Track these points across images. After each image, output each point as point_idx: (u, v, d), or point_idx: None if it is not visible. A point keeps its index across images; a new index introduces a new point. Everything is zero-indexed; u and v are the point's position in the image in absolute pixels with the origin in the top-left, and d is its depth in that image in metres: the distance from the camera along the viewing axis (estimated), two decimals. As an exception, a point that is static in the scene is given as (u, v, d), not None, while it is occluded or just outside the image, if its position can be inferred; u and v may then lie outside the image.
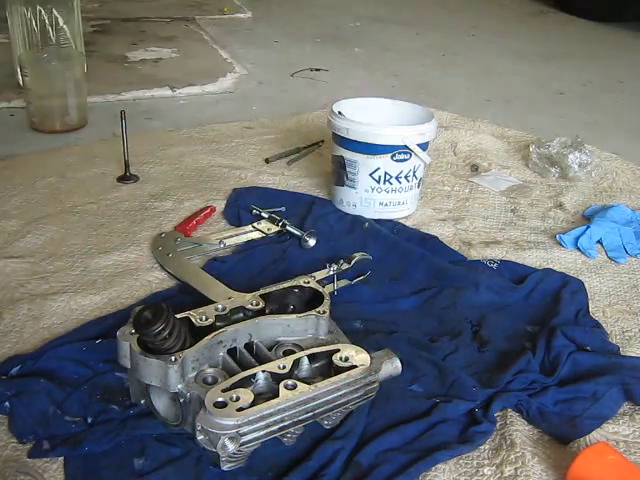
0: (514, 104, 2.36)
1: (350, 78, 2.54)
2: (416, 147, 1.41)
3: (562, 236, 1.43)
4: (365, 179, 1.44)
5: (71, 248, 1.31)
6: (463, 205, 1.59)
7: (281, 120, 2.04)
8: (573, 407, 0.96)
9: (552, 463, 0.87)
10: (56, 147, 1.76)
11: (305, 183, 1.65)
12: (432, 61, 2.83)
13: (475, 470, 0.86)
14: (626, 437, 0.93)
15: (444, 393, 0.97)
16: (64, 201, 1.48)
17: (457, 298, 1.19)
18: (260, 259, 1.28)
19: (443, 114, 2.10)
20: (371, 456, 0.85)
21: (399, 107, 1.59)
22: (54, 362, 0.97)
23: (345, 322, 1.05)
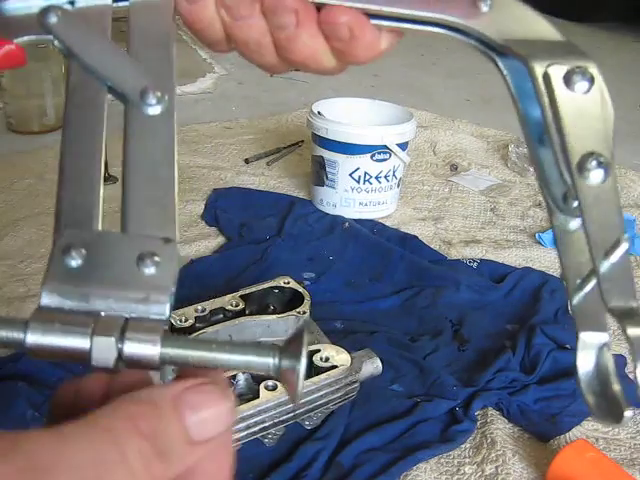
0: (493, 104, 2.38)
1: (330, 78, 2.54)
2: (395, 147, 1.41)
3: (541, 235, 1.44)
4: (345, 179, 1.45)
5: (50, 250, 1.29)
6: (443, 204, 1.59)
7: (261, 120, 2.04)
8: (553, 405, 0.96)
9: (532, 461, 0.87)
10: (34, 148, 1.75)
11: (285, 183, 1.64)
12: (412, 61, 2.84)
13: (456, 469, 0.86)
14: (605, 434, 0.93)
15: (425, 392, 0.97)
16: (42, 203, 1.47)
17: (437, 297, 1.19)
18: (240, 259, 1.28)
19: (422, 114, 2.10)
20: (352, 456, 0.85)
21: (378, 107, 1.59)
22: (32, 365, 0.96)
23: (325, 322, 1.05)
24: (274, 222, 1.42)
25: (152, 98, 0.34)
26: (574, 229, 0.36)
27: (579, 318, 0.33)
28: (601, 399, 0.31)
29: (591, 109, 0.34)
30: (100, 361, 0.27)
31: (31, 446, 0.23)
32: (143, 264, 0.29)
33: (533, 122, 0.37)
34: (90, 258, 0.30)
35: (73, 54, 0.35)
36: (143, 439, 0.24)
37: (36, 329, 0.27)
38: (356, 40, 0.36)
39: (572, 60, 0.35)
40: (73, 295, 0.28)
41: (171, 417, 0.25)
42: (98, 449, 0.23)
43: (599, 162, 0.33)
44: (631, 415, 0.29)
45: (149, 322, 0.28)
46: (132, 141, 0.34)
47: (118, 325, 0.27)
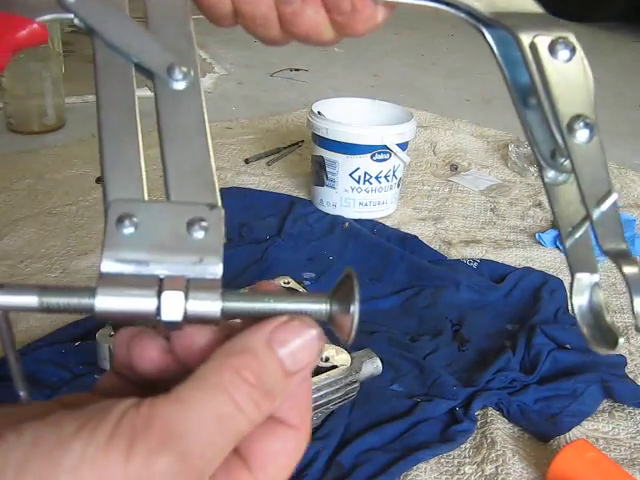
0: (493, 104, 2.38)
1: (330, 78, 2.54)
2: (396, 147, 1.41)
3: (541, 235, 1.44)
4: (345, 179, 1.45)
5: (49, 250, 1.30)
6: (443, 204, 1.59)
7: (261, 120, 2.04)
8: (553, 405, 0.96)
9: (532, 461, 0.87)
10: (34, 148, 1.75)
11: (285, 183, 1.64)
12: (412, 61, 2.84)
13: (456, 469, 0.86)
14: (605, 434, 0.94)
15: (425, 392, 0.97)
16: (42, 202, 1.47)
17: (437, 297, 1.19)
18: (240, 259, 1.28)
19: (422, 114, 2.10)
20: (352, 456, 0.85)
21: (378, 107, 1.59)
22: (32, 365, 0.96)
23: (326, 322, 1.05)
24: (274, 222, 1.42)
25: (178, 73, 0.36)
26: (563, 183, 0.39)
27: (573, 261, 0.38)
28: (595, 330, 0.36)
29: (574, 75, 0.38)
30: (169, 316, 0.29)
31: (162, 417, 0.26)
32: (193, 229, 0.31)
33: (519, 87, 0.41)
34: (142, 226, 0.31)
35: (95, 32, 0.37)
36: (250, 386, 0.28)
37: (104, 294, 0.29)
38: (356, 13, 0.38)
39: (554, 31, 0.38)
40: (132, 261, 0.30)
41: (269, 359, 0.28)
42: (215, 406, 0.27)
43: (586, 123, 0.37)
44: (623, 342, 0.32)
45: (206, 281, 0.30)
46: (163, 115, 0.36)
47: (181, 285, 0.30)
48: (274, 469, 0.30)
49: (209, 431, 0.26)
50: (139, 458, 0.25)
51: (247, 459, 0.30)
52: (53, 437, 0.25)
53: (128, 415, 0.26)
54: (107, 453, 0.24)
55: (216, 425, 0.27)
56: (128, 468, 0.24)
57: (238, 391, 0.27)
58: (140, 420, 0.25)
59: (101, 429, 0.25)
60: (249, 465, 0.30)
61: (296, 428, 0.31)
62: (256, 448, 0.30)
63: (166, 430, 0.25)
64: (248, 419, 0.28)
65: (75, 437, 0.25)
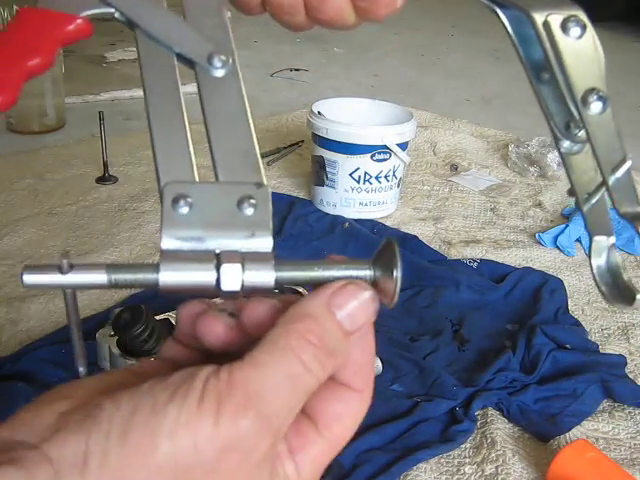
0: (493, 104, 2.38)
1: (330, 78, 2.54)
2: (396, 147, 1.41)
3: (541, 235, 1.44)
4: (345, 179, 1.45)
5: (49, 250, 1.30)
6: (443, 204, 1.59)
7: (261, 120, 2.04)
8: (553, 405, 0.96)
9: (532, 461, 0.87)
10: (34, 148, 1.75)
11: (285, 183, 1.65)
12: (411, 61, 2.84)
13: (456, 469, 0.86)
14: (605, 434, 0.94)
15: (425, 392, 0.97)
16: (42, 202, 1.47)
17: (437, 297, 1.19)
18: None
19: (422, 114, 2.10)
20: (352, 456, 0.85)
21: (378, 107, 1.59)
22: (33, 365, 0.96)
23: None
24: (274, 222, 1.41)
25: (218, 61, 0.38)
26: (577, 152, 0.42)
27: (590, 225, 0.40)
28: (613, 288, 0.38)
29: (586, 51, 0.40)
30: (229, 286, 0.32)
31: (241, 381, 0.28)
32: (243, 207, 0.34)
33: (533, 64, 0.43)
34: (196, 206, 0.34)
35: (136, 25, 0.39)
36: (315, 347, 0.30)
37: (167, 268, 0.31)
38: (378, 0, 0.40)
39: (566, 10, 0.40)
40: (189, 238, 0.33)
41: (329, 321, 0.31)
42: (286, 367, 0.29)
43: (599, 96, 0.39)
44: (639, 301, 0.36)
45: (259, 254, 0.33)
46: (207, 102, 0.38)
47: (237, 258, 0.32)
48: (339, 428, 0.33)
49: (282, 390, 0.29)
50: (227, 419, 0.27)
51: (315, 419, 0.33)
52: (149, 405, 0.28)
53: (211, 381, 0.28)
54: (199, 416, 0.27)
55: (288, 384, 0.29)
56: (218, 429, 0.27)
57: (304, 353, 0.30)
58: (223, 385, 0.28)
59: (191, 395, 0.28)
60: (316, 424, 0.32)
61: (359, 391, 0.34)
62: (323, 409, 0.33)
63: (246, 392, 0.28)
64: (315, 377, 0.30)
65: (169, 404, 0.27)
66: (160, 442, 0.27)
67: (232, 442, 0.28)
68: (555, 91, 0.42)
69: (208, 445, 0.27)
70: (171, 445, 0.27)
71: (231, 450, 0.28)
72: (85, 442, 0.27)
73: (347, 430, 0.33)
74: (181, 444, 0.27)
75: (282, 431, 0.30)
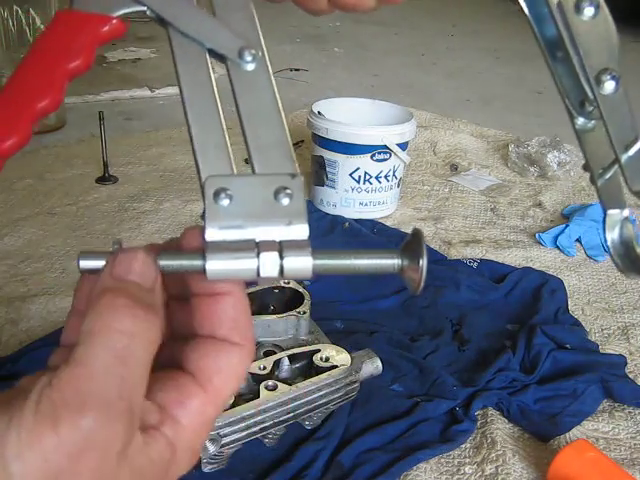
0: (493, 104, 2.38)
1: (330, 78, 2.54)
2: (396, 147, 1.41)
3: (541, 235, 1.44)
4: (345, 179, 1.45)
5: (50, 250, 1.30)
6: (443, 204, 1.59)
7: (261, 120, 2.04)
8: (553, 405, 0.96)
9: (532, 461, 0.87)
10: (34, 148, 1.75)
11: (285, 183, 1.64)
12: (412, 61, 2.84)
13: (456, 469, 0.86)
14: (605, 434, 0.94)
15: (425, 392, 0.97)
16: (42, 202, 1.47)
17: (437, 297, 1.19)
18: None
19: (422, 114, 2.10)
20: (352, 456, 0.85)
21: (378, 107, 1.59)
22: (32, 365, 0.96)
23: (326, 322, 1.05)
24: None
25: (248, 56, 0.40)
26: (591, 130, 0.43)
27: (604, 199, 0.42)
28: (626, 259, 0.40)
29: (600, 31, 0.41)
30: (268, 272, 0.34)
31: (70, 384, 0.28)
32: (279, 197, 0.36)
33: (548, 42, 0.44)
34: (236, 198, 0.36)
35: (168, 22, 0.40)
36: (127, 308, 0.30)
37: (213, 257, 0.33)
38: None
39: None
40: (231, 229, 0.35)
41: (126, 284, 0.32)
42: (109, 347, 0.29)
43: (612, 76, 0.41)
44: None
45: (297, 242, 0.35)
46: (240, 95, 0.40)
47: (276, 246, 0.34)
48: (219, 380, 0.33)
49: (114, 373, 0.29)
50: (65, 424, 0.27)
51: (195, 374, 0.33)
52: None
53: (45, 393, 0.28)
54: (38, 431, 0.27)
55: (118, 363, 0.29)
56: (60, 436, 0.27)
57: (119, 320, 0.30)
58: (54, 391, 0.28)
59: (26, 412, 0.27)
60: (197, 379, 0.32)
61: (238, 345, 0.34)
62: (202, 364, 0.33)
63: (78, 391, 0.28)
64: (143, 337, 0.30)
65: (7, 429, 0.27)
66: (11, 468, 0.27)
67: (81, 444, 0.27)
68: (569, 69, 0.42)
69: (57, 454, 0.27)
70: (22, 466, 0.27)
71: (85, 450, 0.27)
72: None
73: (229, 382, 0.33)
74: (31, 462, 0.27)
75: (135, 408, 0.29)
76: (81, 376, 0.28)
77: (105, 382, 0.28)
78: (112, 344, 0.29)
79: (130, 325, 0.30)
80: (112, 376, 0.29)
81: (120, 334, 0.30)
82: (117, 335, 0.29)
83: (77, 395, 0.28)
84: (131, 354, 0.30)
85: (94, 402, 0.28)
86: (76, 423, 0.27)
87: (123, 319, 0.30)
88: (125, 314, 0.30)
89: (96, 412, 0.28)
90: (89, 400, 0.28)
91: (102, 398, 0.28)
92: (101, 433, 0.28)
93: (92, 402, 0.28)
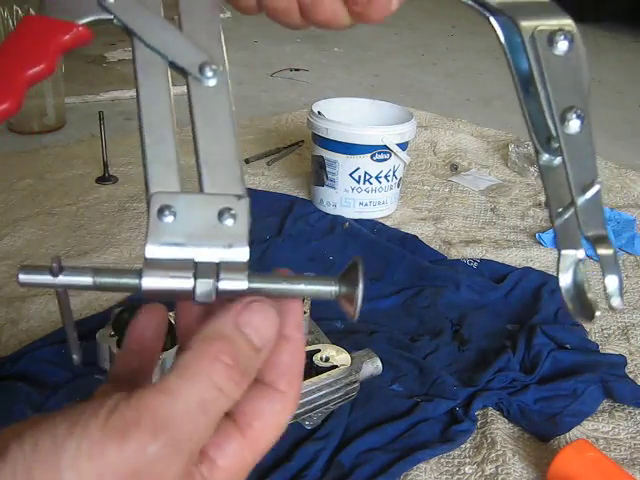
0: (493, 104, 2.38)
1: (330, 78, 2.54)
2: (396, 147, 1.41)
3: (541, 235, 1.44)
4: (345, 179, 1.45)
5: (50, 250, 1.30)
6: (443, 204, 1.59)
7: (261, 120, 2.04)
8: (553, 405, 0.96)
9: (533, 461, 0.87)
10: (34, 148, 1.75)
11: (285, 183, 1.64)
12: (412, 61, 2.84)
13: (456, 469, 0.86)
14: (605, 434, 0.94)
15: (425, 392, 0.97)
16: (42, 202, 1.47)
17: (437, 297, 1.19)
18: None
19: (422, 114, 2.10)
20: (352, 456, 0.85)
21: (378, 107, 1.59)
22: (33, 365, 0.96)
23: (326, 322, 1.05)
24: (274, 222, 1.42)
25: (209, 71, 0.40)
26: (556, 166, 0.42)
27: (560, 238, 0.43)
28: (577, 303, 0.41)
29: (571, 67, 0.40)
30: (202, 297, 0.34)
31: (151, 407, 0.28)
32: (223, 218, 0.36)
33: (521, 74, 0.43)
34: (180, 216, 0.36)
35: (133, 32, 0.40)
36: (229, 368, 0.31)
37: (149, 276, 0.34)
38: (372, 3, 0.41)
39: (556, 20, 0.40)
40: (172, 248, 0.35)
41: (239, 340, 0.32)
42: (199, 392, 0.30)
43: (578, 114, 0.39)
44: (600, 314, 0.39)
45: (235, 264, 0.35)
46: (196, 111, 0.40)
47: (213, 268, 0.34)
48: (260, 426, 0.33)
49: (194, 415, 0.29)
50: (133, 445, 0.27)
51: (235, 416, 0.32)
52: (48, 440, 0.27)
53: (119, 408, 0.28)
54: (102, 445, 0.27)
55: (200, 409, 0.29)
56: (123, 455, 0.27)
57: (218, 376, 0.30)
58: (131, 412, 0.28)
59: (93, 424, 0.27)
60: (237, 422, 0.32)
61: (282, 392, 0.34)
62: (244, 407, 0.33)
63: (155, 418, 0.28)
64: (229, 398, 0.31)
65: (69, 436, 0.27)
66: (63, 475, 0.27)
67: (139, 468, 0.27)
68: (539, 104, 0.41)
69: (114, 472, 0.27)
70: (75, 476, 0.27)
71: (139, 476, 0.27)
72: None
73: (269, 429, 0.33)
74: (85, 473, 0.27)
75: (195, 453, 0.30)
76: (164, 404, 0.29)
77: (183, 420, 0.29)
78: (204, 391, 0.30)
79: (224, 384, 0.30)
80: (191, 417, 0.29)
81: (213, 388, 0.30)
82: (210, 386, 0.30)
83: (153, 419, 0.28)
84: (214, 407, 0.30)
85: (167, 433, 0.28)
86: (144, 446, 0.27)
87: (221, 377, 0.30)
88: (225, 374, 0.31)
89: (165, 443, 0.28)
90: (162, 429, 0.28)
91: (174, 433, 0.28)
92: (162, 464, 0.28)
93: (165, 432, 0.28)
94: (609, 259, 0.40)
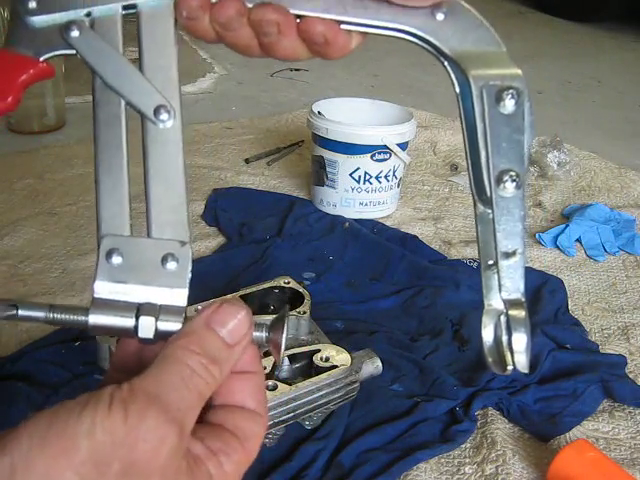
0: (493, 104, 2.37)
1: (330, 78, 2.54)
2: (396, 147, 1.41)
3: (541, 235, 1.44)
4: (345, 179, 1.45)
5: (50, 250, 1.30)
6: (443, 204, 1.59)
7: (261, 120, 2.04)
8: (553, 405, 0.96)
9: (533, 461, 0.87)
10: (34, 148, 1.75)
11: (285, 183, 1.64)
12: (412, 61, 2.84)
13: (456, 469, 0.86)
14: (605, 434, 0.94)
15: (425, 392, 0.97)
16: (42, 202, 1.47)
17: (437, 297, 1.19)
18: (240, 259, 1.28)
19: (422, 114, 2.10)
20: (353, 456, 0.85)
21: (378, 107, 1.59)
22: (33, 365, 0.96)
23: (326, 322, 1.05)
24: (274, 222, 1.42)
25: (164, 114, 0.41)
26: (490, 219, 0.42)
27: (485, 290, 0.45)
28: (495, 356, 0.44)
29: (515, 127, 0.41)
30: (144, 334, 0.38)
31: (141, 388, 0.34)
32: (166, 262, 0.39)
33: (469, 125, 0.43)
34: (127, 259, 0.39)
35: (94, 70, 0.42)
36: (197, 355, 0.36)
37: (95, 314, 0.38)
38: (330, 44, 0.42)
39: (505, 78, 0.41)
40: (118, 289, 0.38)
41: (208, 335, 0.38)
42: (177, 372, 0.35)
43: (512, 179, 0.40)
44: (512, 369, 0.41)
45: (174, 308, 0.39)
46: (149, 153, 0.41)
47: (154, 310, 0.38)
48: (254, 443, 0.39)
49: (177, 388, 0.35)
50: (134, 416, 0.33)
51: (236, 433, 0.38)
52: (64, 416, 0.32)
53: (116, 392, 0.33)
54: (111, 418, 0.32)
55: (182, 383, 0.35)
56: (128, 425, 0.32)
57: (189, 359, 0.36)
58: (125, 393, 0.33)
59: (101, 404, 0.33)
60: (238, 437, 0.38)
61: (262, 416, 0.40)
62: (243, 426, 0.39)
63: (147, 395, 0.34)
64: (203, 379, 0.36)
65: (83, 411, 0.32)
66: (80, 442, 0.31)
67: (141, 435, 0.32)
68: (480, 159, 0.42)
69: (122, 440, 0.32)
70: (90, 443, 0.31)
71: (143, 442, 0.32)
72: (10, 457, 0.31)
73: (257, 445, 0.39)
74: (99, 441, 0.32)
75: (187, 424, 0.35)
76: (151, 384, 0.34)
77: (168, 392, 0.34)
78: (180, 370, 0.36)
79: (195, 366, 0.36)
80: (175, 389, 0.35)
81: (187, 368, 0.36)
82: (185, 367, 0.36)
83: (146, 396, 0.33)
84: (193, 383, 0.36)
85: (158, 404, 0.34)
86: (143, 416, 0.33)
87: (192, 360, 0.36)
88: (195, 358, 0.36)
89: (158, 411, 0.33)
90: (154, 401, 0.33)
91: (164, 403, 0.34)
92: (160, 430, 0.33)
93: (156, 403, 0.33)
94: (519, 321, 0.43)
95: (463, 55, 0.42)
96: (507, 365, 0.42)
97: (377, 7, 0.42)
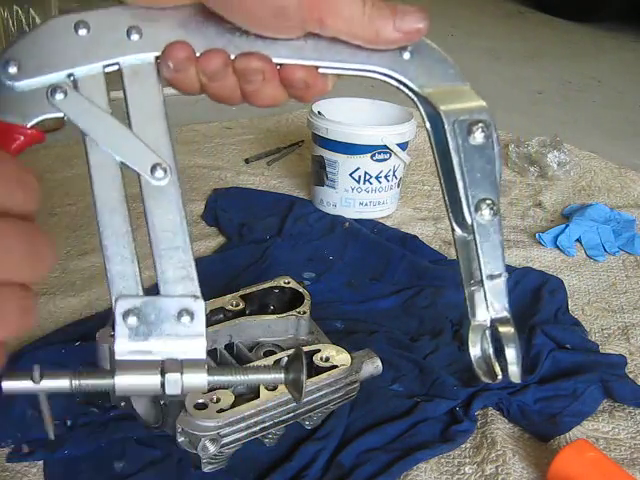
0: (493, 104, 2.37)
1: (330, 78, 2.54)
2: (396, 147, 1.41)
3: (541, 235, 1.44)
4: (345, 179, 1.45)
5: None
6: (443, 204, 1.59)
7: (261, 120, 2.04)
8: (553, 405, 0.96)
9: (533, 461, 0.87)
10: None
11: (285, 183, 1.64)
12: (411, 61, 2.84)
13: (456, 469, 0.86)
14: (606, 434, 0.94)
15: (425, 392, 0.97)
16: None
17: (437, 297, 1.19)
18: (240, 259, 1.28)
19: (423, 114, 2.10)
20: (353, 456, 0.85)
21: (378, 107, 1.59)
22: (31, 365, 0.95)
23: (326, 322, 1.05)
24: (274, 222, 1.42)
25: (160, 172, 0.42)
26: (469, 241, 0.46)
27: (469, 306, 0.46)
28: (484, 367, 0.45)
29: (486, 157, 0.44)
30: (172, 390, 0.39)
31: None
32: (182, 318, 0.40)
33: (442, 155, 0.46)
34: (143, 318, 0.40)
35: (84, 132, 0.42)
36: None
37: (121, 375, 0.39)
38: (310, 88, 0.45)
39: (474, 112, 0.45)
40: (138, 349, 0.40)
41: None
42: None
43: (490, 207, 0.44)
44: (501, 379, 0.44)
45: (195, 361, 0.40)
46: (149, 211, 0.43)
47: (177, 366, 0.39)
48: None
49: None
50: None
51: None
52: None
53: None
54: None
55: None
56: None
57: None
58: None
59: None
60: None
61: None
62: None
63: None
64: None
65: None
66: None
67: None
68: (457, 190, 0.45)
69: None
70: None
71: None
72: None
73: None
74: None
75: None
76: None
77: None
78: None
79: None
80: None
81: None
82: None
83: None
84: None
85: None
86: None
87: None
88: None
89: None
90: None
91: None
92: None
93: None
94: (510, 337, 0.45)
95: (432, 92, 0.45)
96: (497, 375, 0.44)
97: (350, 51, 0.45)
